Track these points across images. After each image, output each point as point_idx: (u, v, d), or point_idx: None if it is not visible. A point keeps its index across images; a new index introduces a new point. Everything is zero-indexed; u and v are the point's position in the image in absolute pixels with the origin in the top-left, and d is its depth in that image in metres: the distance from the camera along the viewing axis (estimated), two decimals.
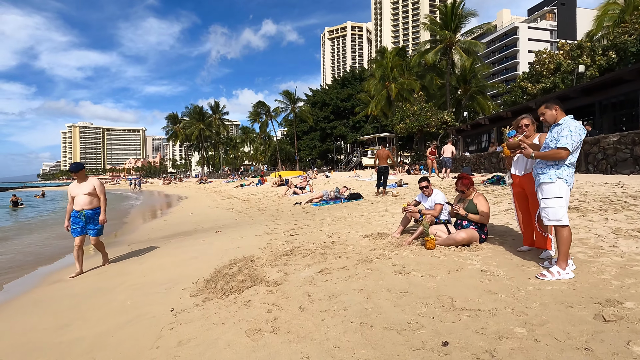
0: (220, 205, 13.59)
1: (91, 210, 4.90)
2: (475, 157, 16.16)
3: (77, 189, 4.90)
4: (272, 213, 9.56)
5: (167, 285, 3.73)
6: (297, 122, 54.95)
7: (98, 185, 5.00)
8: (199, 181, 46.67)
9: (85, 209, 4.85)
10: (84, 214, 4.84)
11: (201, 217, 10.46)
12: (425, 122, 26.68)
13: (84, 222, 4.87)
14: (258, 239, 5.73)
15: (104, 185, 5.13)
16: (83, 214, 4.83)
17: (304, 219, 7.61)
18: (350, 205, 9.21)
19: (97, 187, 4.98)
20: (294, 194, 14.04)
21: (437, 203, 4.53)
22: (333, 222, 6.76)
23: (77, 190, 4.89)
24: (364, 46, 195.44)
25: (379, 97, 32.28)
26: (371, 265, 3.60)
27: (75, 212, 4.86)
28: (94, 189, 4.93)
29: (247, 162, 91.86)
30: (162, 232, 8.38)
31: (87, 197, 4.86)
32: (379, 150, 10.43)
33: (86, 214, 4.85)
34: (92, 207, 4.91)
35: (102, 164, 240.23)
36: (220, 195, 19.53)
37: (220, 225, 8.17)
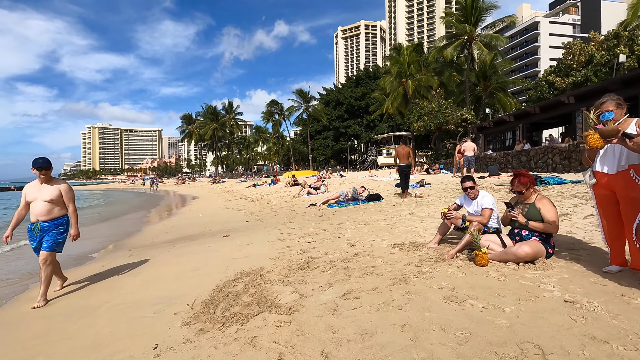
0: (232, 206, 13.01)
1: (49, 222, 3.67)
2: (502, 156, 15.09)
3: (36, 192, 3.64)
4: (285, 215, 8.87)
5: (157, 307, 3.06)
6: (310, 121, 54.34)
7: (65, 190, 3.75)
8: (212, 181, 46.59)
9: (40, 220, 3.62)
10: (38, 227, 3.62)
11: (210, 219, 9.87)
12: (444, 119, 25.56)
13: (39, 237, 3.64)
14: (269, 247, 5.03)
15: (72, 191, 3.83)
16: (37, 227, 3.62)
17: (320, 223, 6.88)
18: (370, 208, 8.43)
19: (65, 194, 3.73)
20: (308, 195, 13.33)
21: (485, 207, 3.72)
22: (353, 226, 6.00)
23: (36, 193, 3.64)
24: (377, 45, 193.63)
25: (395, 95, 31.26)
26: (410, 287, 2.83)
27: (30, 224, 3.67)
28: (58, 195, 3.69)
29: (261, 162, 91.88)
30: (168, 235, 7.80)
31: (47, 205, 3.63)
32: (399, 148, 9.60)
33: (41, 227, 3.63)
34: (50, 217, 3.67)
35: (120, 164, 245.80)
36: (232, 196, 19.01)
37: (229, 229, 7.53)
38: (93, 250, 6.88)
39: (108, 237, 8.57)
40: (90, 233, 9.44)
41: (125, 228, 10.09)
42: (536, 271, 2.93)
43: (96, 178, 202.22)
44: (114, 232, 9.47)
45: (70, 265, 5.58)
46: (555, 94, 24.31)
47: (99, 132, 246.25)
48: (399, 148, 9.58)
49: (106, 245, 7.28)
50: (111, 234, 9.07)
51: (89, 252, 6.72)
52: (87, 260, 5.93)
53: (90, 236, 8.86)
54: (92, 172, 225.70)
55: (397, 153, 9.55)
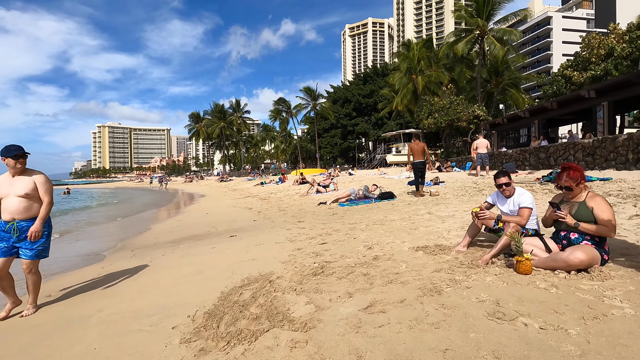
0: (239, 205, 12.70)
1: (27, 222, 3.12)
2: (518, 153, 14.50)
3: (8, 187, 3.10)
4: (294, 214, 8.50)
5: (155, 319, 2.71)
6: (318, 119, 53.94)
7: (42, 182, 3.19)
8: (219, 179, 46.55)
9: (17, 218, 3.08)
10: (16, 227, 3.07)
11: (217, 218, 9.56)
12: (455, 116, 24.93)
13: (16, 238, 3.08)
14: (279, 248, 4.66)
15: (49, 182, 3.23)
16: (14, 226, 3.07)
17: (331, 222, 6.49)
18: (384, 206, 8.01)
19: (40, 186, 3.17)
20: (317, 193, 12.95)
21: (523, 207, 3.28)
22: (368, 227, 5.60)
23: (8, 189, 3.09)
24: (385, 42, 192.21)
25: (405, 91, 30.67)
26: (444, 300, 2.43)
27: (3, 223, 3.10)
28: (33, 188, 3.13)
29: (268, 161, 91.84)
30: (173, 234, 7.50)
31: (23, 202, 3.08)
32: (413, 144, 9.15)
33: (19, 227, 3.09)
34: (29, 215, 3.12)
35: (129, 162, 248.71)
36: (240, 194, 18.74)
37: (236, 228, 7.19)
38: (99, 249, 6.61)
39: (115, 235, 8.32)
40: (98, 232, 9.20)
41: (132, 227, 9.85)
42: (593, 282, 2.50)
43: (106, 176, 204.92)
44: (121, 230, 9.24)
45: (71, 267, 5.29)
46: (572, 89, 23.49)
47: (109, 131, 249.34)
48: (412, 144, 9.13)
49: (113, 245, 7.01)
50: (118, 232, 8.83)
51: (97, 251, 6.45)
52: (93, 261, 5.65)
53: (97, 234, 8.61)
54: (102, 171, 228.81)
55: (410, 149, 9.11)
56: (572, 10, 76.85)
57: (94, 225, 10.69)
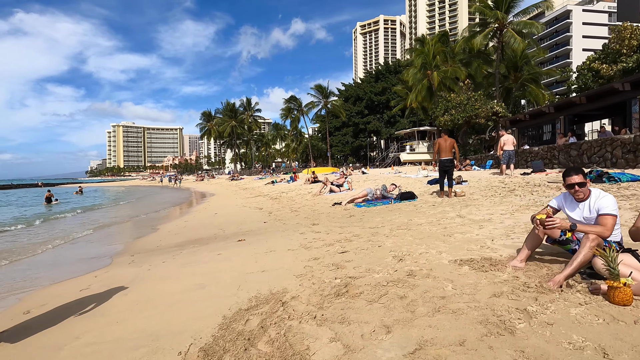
0: (249, 204, 12.18)
1: None
2: (545, 150, 13.57)
3: None
4: (307, 215, 7.89)
5: (137, 354, 2.13)
6: (329, 117, 53.25)
7: None
8: (230, 178, 46.41)
9: None
10: None
11: (225, 219, 9.03)
12: (473, 112, 23.92)
13: None
14: (292, 257, 4.06)
15: None
16: None
17: (349, 226, 5.86)
18: (405, 208, 7.32)
19: None
20: (331, 192, 12.32)
21: (605, 213, 2.58)
22: (392, 232, 4.94)
23: None
24: (397, 40, 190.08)
25: (419, 88, 29.70)
26: (522, 343, 1.77)
27: None
28: None
29: (279, 159, 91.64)
30: (177, 237, 6.98)
31: None
32: (441, 140, 8.41)
33: None
34: None
35: (143, 161, 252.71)
36: (250, 193, 18.26)
37: (245, 231, 6.63)
38: (101, 253, 6.14)
39: (121, 236, 7.88)
40: (105, 233, 8.78)
41: (138, 228, 9.42)
42: None
43: (120, 175, 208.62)
44: (127, 231, 8.81)
45: (67, 274, 4.80)
46: (601, 82, 22.22)
47: (123, 131, 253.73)
48: (440, 140, 8.40)
49: (115, 248, 6.53)
50: (124, 233, 8.39)
51: (99, 254, 5.98)
52: (92, 267, 5.15)
53: (103, 236, 8.18)
54: (116, 169, 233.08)
55: (438, 145, 8.38)
56: (593, 3, 73.98)
57: (103, 226, 10.31)
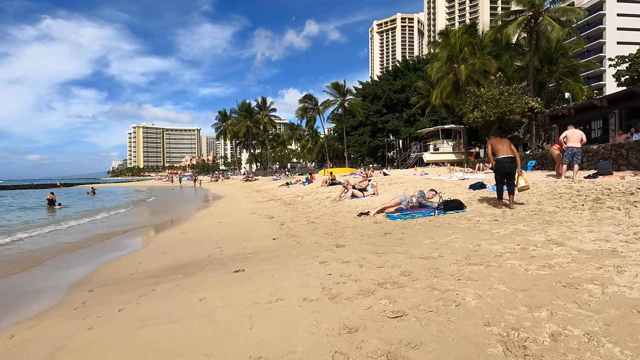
0: (259, 210, 10.66)
1: None
2: (608, 149, 11.45)
3: None
4: (328, 230, 6.25)
5: None
6: (346, 116, 51.50)
7: None
8: (244, 179, 45.39)
9: None
10: None
11: (229, 230, 7.51)
12: (507, 108, 21.69)
13: None
14: (310, 322, 2.42)
15: None
16: None
17: (389, 252, 4.19)
18: (457, 223, 5.58)
19: None
20: (353, 198, 10.66)
21: None
22: (461, 268, 3.24)
23: None
24: (414, 39, 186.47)
25: (444, 83, 27.59)
26: None
27: None
28: None
29: (294, 160, 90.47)
30: (162, 258, 5.48)
31: None
32: (493, 140, 6.77)
33: None
34: None
35: (162, 161, 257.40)
36: (262, 196, 16.79)
37: (248, 254, 5.05)
38: (61, 283, 4.71)
39: (95, 256, 6.47)
40: (77, 254, 7.41)
41: (126, 241, 8.02)
42: None
43: (140, 175, 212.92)
44: (107, 248, 7.41)
45: None
46: None
47: (143, 132, 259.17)
48: (492, 140, 6.77)
49: (77, 278, 5.10)
50: (101, 251, 6.98)
51: (59, 284, 4.55)
52: (30, 312, 3.70)
53: (70, 257, 6.79)
54: (136, 170, 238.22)
55: (490, 146, 6.70)
56: None
57: (87, 239, 9.02)
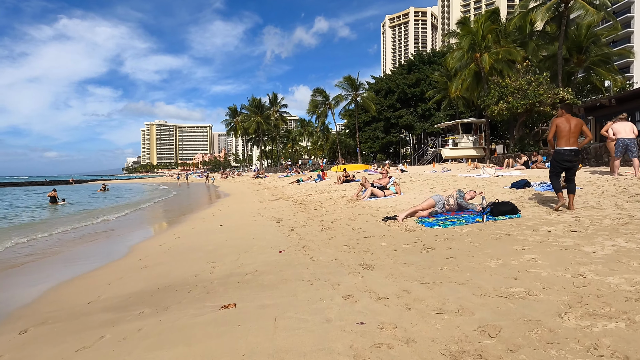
0: (266, 211, 9.48)
1: None
2: None
3: None
4: (348, 241, 5.00)
5: None
6: (358, 110, 49.99)
7: None
8: (255, 175, 44.49)
9: None
10: None
11: (227, 237, 6.33)
12: (537, 99, 19.94)
13: None
14: None
15: None
16: None
17: (443, 281, 2.91)
18: (520, 234, 4.25)
19: None
20: (372, 197, 9.36)
21: None
22: (592, 319, 1.97)
23: None
24: (427, 33, 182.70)
25: (465, 73, 25.86)
26: None
27: None
28: None
29: (305, 157, 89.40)
30: (137, 279, 4.32)
31: None
32: (560, 119, 5.27)
33: None
34: None
35: (175, 158, 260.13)
36: (272, 194, 15.64)
37: (245, 275, 3.84)
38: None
39: (63, 269, 5.38)
40: (61, 255, 6.34)
41: (109, 247, 6.94)
42: None
43: (153, 172, 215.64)
44: (80, 258, 6.33)
45: None
46: None
47: (157, 129, 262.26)
48: (559, 119, 5.27)
49: (26, 300, 3.99)
50: (73, 262, 5.89)
51: None
52: None
53: (50, 263, 5.71)
54: (150, 166, 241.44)
55: (557, 129, 5.26)
56: None
57: (70, 244, 8.01)
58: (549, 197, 6.47)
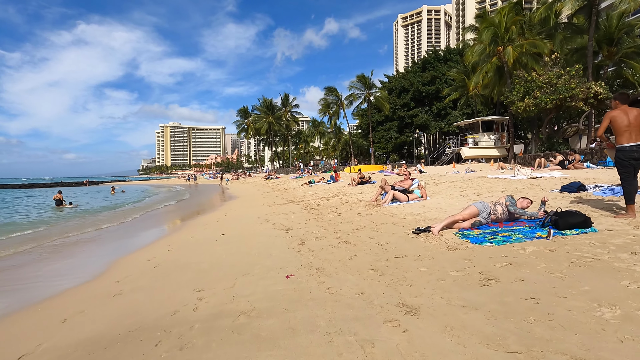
0: (275, 217, 8.48)
1: None
2: None
3: None
4: (375, 263, 3.92)
5: None
6: (371, 110, 48.73)
7: None
8: (266, 177, 43.76)
9: None
10: None
11: (227, 252, 5.34)
12: (569, 93, 18.40)
13: None
14: None
15: None
16: None
17: (543, 349, 1.83)
18: (615, 259, 3.10)
19: None
20: (394, 202, 8.25)
21: None
22: None
23: None
24: (441, 32, 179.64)
25: (487, 68, 24.38)
26: None
27: None
28: None
29: (317, 157, 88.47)
30: (101, 315, 3.35)
31: None
32: (617, 112, 4.29)
33: None
34: None
35: (188, 160, 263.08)
36: (282, 197, 14.67)
37: (239, 312, 2.82)
38: None
39: (23, 292, 4.47)
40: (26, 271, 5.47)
41: (83, 262, 6.04)
42: None
43: (168, 173, 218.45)
44: (47, 273, 5.44)
45: None
46: None
47: (170, 131, 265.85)
48: (614, 112, 4.23)
49: None
50: (36, 286, 4.99)
51: None
52: None
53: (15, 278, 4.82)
54: (164, 168, 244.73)
55: (612, 123, 4.20)
56: None
57: (49, 256, 7.18)
58: (613, 203, 5.26)
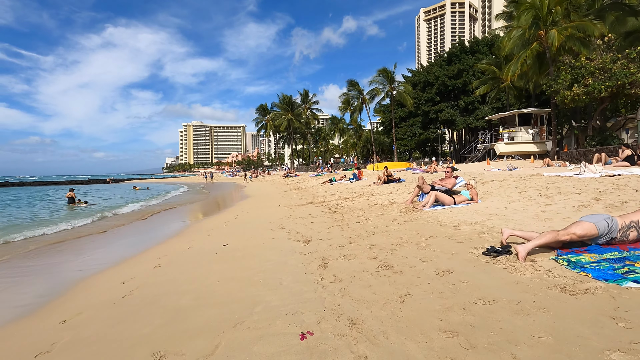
0: (291, 222, 7.12)
1: None
2: None
3: None
4: (445, 313, 2.46)
5: None
6: (393, 105, 46.66)
7: None
8: (285, 174, 42.73)
9: None
10: None
11: (221, 278, 4.01)
12: (628, 79, 16.04)
13: None
14: None
15: None
16: None
17: None
18: None
19: None
20: (437, 205, 6.69)
21: None
22: None
23: None
24: (465, 25, 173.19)
25: (526, 54, 22.05)
26: None
27: None
28: None
29: (337, 155, 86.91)
30: None
31: None
32: None
33: None
34: None
35: (210, 158, 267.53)
36: (300, 197, 13.33)
37: None
38: None
39: None
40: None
41: (55, 273, 4.88)
42: None
43: (191, 171, 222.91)
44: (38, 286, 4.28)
45: None
46: None
47: (193, 130, 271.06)
48: None
49: None
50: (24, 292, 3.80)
51: None
52: None
53: None
54: (187, 166, 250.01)
55: None
56: None
57: (40, 254, 6.11)
58: None
